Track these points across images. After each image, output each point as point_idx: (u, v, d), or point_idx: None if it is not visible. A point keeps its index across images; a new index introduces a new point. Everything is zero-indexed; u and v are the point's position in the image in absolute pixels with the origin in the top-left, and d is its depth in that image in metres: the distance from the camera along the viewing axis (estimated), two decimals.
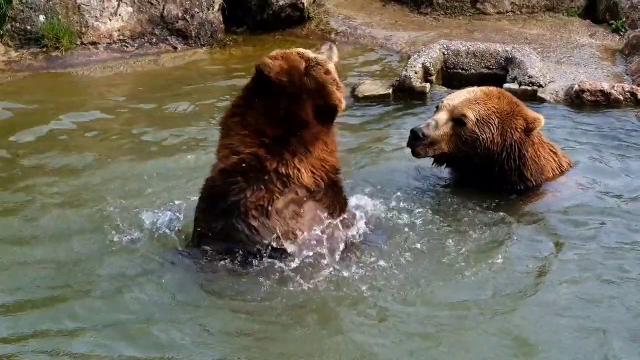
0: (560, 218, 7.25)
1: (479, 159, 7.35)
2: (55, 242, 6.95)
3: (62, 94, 10.90)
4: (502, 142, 7.30)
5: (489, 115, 7.28)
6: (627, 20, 12.68)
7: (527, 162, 7.41)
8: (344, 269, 6.37)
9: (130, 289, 6.26)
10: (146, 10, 12.38)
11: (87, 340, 5.71)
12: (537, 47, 11.90)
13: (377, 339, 5.71)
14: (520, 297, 6.17)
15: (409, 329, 5.81)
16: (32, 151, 8.89)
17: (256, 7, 12.94)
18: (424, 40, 12.47)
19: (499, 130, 7.28)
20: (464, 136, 7.30)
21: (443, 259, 6.58)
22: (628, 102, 9.87)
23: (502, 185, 7.45)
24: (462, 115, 7.28)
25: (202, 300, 6.16)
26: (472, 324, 5.85)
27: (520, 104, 7.54)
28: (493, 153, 7.32)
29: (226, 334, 5.80)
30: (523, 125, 7.33)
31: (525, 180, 7.46)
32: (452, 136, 7.32)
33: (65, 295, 6.25)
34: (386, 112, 9.93)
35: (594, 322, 5.85)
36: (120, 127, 9.61)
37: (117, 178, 8.13)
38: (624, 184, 7.83)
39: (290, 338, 5.77)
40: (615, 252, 6.72)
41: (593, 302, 6.08)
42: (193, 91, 10.83)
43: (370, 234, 6.80)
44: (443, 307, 6.03)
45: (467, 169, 7.52)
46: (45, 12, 11.95)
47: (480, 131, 7.26)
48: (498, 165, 7.36)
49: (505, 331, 5.77)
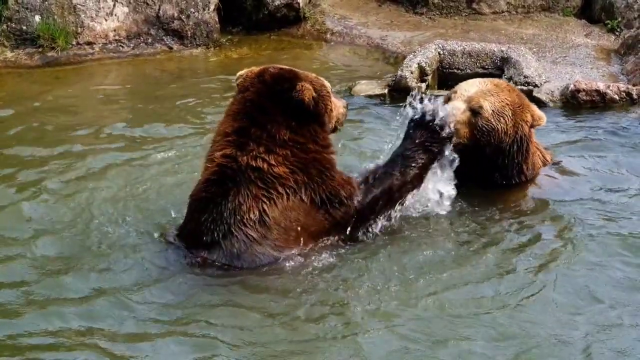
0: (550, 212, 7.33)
1: (490, 149, 7.35)
2: (47, 239, 6.98)
3: (57, 94, 10.87)
4: (513, 133, 7.33)
5: (502, 106, 7.30)
6: (623, 19, 12.69)
7: (528, 156, 7.48)
8: (337, 268, 6.39)
9: (128, 291, 6.28)
10: (142, 10, 12.37)
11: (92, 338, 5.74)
12: (532, 46, 11.91)
13: (376, 339, 5.72)
14: (519, 296, 6.20)
15: (409, 329, 5.82)
16: (27, 151, 8.88)
17: (251, 7, 12.93)
18: (419, 40, 12.47)
19: (512, 122, 7.31)
20: (481, 126, 7.31)
21: (442, 257, 6.63)
22: (623, 101, 9.89)
23: (501, 178, 7.47)
24: (479, 106, 7.30)
25: (197, 301, 6.17)
26: (473, 324, 5.87)
27: (526, 98, 7.61)
28: (505, 144, 7.34)
29: (231, 336, 5.78)
30: (530, 119, 7.39)
31: (521, 174, 7.49)
32: (468, 125, 7.33)
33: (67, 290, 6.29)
34: (382, 112, 9.93)
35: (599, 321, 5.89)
36: (115, 126, 9.59)
37: (112, 179, 8.12)
38: (612, 179, 7.91)
39: (286, 339, 5.78)
40: (619, 249, 6.79)
41: (597, 303, 6.12)
42: (189, 91, 10.82)
43: (367, 234, 6.83)
44: (444, 306, 6.05)
45: (472, 160, 7.50)
46: (41, 12, 11.94)
47: (495, 122, 7.28)
48: (505, 157, 7.38)
49: (507, 331, 5.79)
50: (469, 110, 7.31)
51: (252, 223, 6.27)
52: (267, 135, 6.39)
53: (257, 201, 6.29)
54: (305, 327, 5.88)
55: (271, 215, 6.30)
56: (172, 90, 10.94)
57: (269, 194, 6.32)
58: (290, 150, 6.41)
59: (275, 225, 6.32)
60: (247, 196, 6.29)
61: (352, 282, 6.31)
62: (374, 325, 5.85)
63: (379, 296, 6.15)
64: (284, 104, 6.44)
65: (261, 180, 6.32)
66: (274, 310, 6.02)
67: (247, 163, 6.33)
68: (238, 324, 5.90)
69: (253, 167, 6.33)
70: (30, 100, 10.57)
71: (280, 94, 6.45)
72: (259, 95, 6.48)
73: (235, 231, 6.28)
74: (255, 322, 5.91)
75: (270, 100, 6.46)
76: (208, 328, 5.84)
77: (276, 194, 6.34)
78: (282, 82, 6.50)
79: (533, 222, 7.22)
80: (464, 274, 6.42)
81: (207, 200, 6.38)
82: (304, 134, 6.49)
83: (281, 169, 6.37)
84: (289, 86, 6.46)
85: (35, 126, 9.63)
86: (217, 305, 6.11)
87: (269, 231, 6.30)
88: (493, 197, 7.45)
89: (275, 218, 6.31)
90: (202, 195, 6.45)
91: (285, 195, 6.36)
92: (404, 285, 6.27)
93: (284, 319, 5.94)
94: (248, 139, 6.40)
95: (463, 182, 7.31)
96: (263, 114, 6.43)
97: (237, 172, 6.34)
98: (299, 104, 6.42)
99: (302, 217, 6.42)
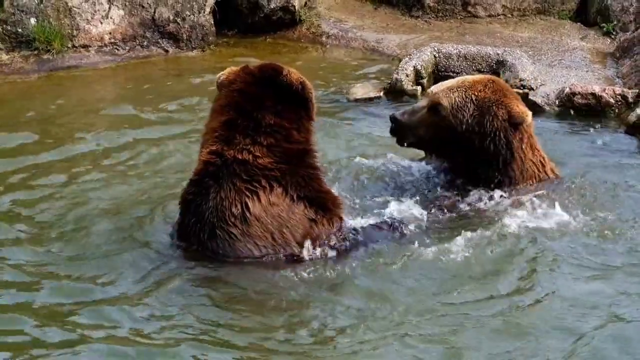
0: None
1: (457, 146, 7.29)
2: (45, 242, 7.01)
3: (53, 97, 10.86)
4: (479, 128, 7.22)
5: (464, 102, 7.23)
6: (618, 23, 12.70)
7: (515, 152, 7.27)
8: (332, 268, 6.40)
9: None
10: (137, 13, 12.36)
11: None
12: (528, 49, 11.92)
13: (376, 341, 5.74)
14: (519, 296, 6.25)
15: (408, 330, 5.83)
16: (22, 153, 8.88)
17: (247, 10, 12.92)
18: (415, 43, 12.47)
19: (474, 118, 7.22)
20: (439, 122, 7.29)
21: (439, 259, 6.62)
22: (619, 104, 9.89)
23: (485, 178, 7.38)
24: (437, 103, 7.30)
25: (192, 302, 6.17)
26: (474, 324, 5.90)
27: (510, 95, 7.40)
28: (471, 141, 7.25)
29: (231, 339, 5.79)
30: (504, 115, 7.22)
31: (507, 175, 7.34)
32: (428, 122, 7.33)
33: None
34: (377, 115, 9.94)
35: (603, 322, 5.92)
36: (111, 129, 9.59)
37: (108, 180, 8.14)
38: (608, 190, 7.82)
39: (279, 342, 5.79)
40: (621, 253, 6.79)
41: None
42: (184, 94, 10.81)
43: (362, 236, 6.83)
44: (444, 307, 6.09)
45: (452, 157, 7.48)
46: (36, 15, 11.91)
47: (453, 118, 7.24)
48: (483, 153, 7.25)
49: (509, 331, 5.82)
50: (427, 107, 7.33)
51: (233, 219, 6.29)
52: (253, 124, 6.45)
53: (240, 195, 6.31)
54: (296, 331, 5.89)
55: (252, 211, 6.31)
56: (167, 93, 10.93)
57: (252, 187, 6.34)
58: (274, 138, 6.45)
59: (256, 221, 6.32)
60: (230, 190, 6.32)
61: (344, 285, 6.32)
62: (369, 330, 5.85)
63: (371, 300, 6.17)
64: (272, 88, 6.54)
65: (245, 172, 6.35)
66: (270, 312, 6.06)
67: (233, 156, 6.37)
68: (237, 326, 5.92)
69: (239, 160, 6.36)
70: (25, 102, 10.56)
71: (268, 79, 6.57)
72: (246, 84, 6.58)
73: (219, 230, 6.32)
74: (250, 321, 5.95)
75: (258, 86, 6.55)
76: (202, 331, 5.85)
77: (260, 187, 6.36)
78: (268, 71, 6.65)
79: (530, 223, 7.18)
80: (463, 276, 6.47)
81: (189, 202, 6.45)
82: (290, 118, 6.55)
83: (266, 160, 6.40)
84: (275, 73, 6.61)
85: (29, 130, 9.63)
86: (215, 307, 6.14)
87: (250, 227, 6.31)
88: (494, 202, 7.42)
89: (256, 214, 6.31)
90: (185, 197, 6.51)
91: (269, 188, 6.37)
92: (399, 286, 6.31)
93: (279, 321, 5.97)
94: (234, 131, 6.45)
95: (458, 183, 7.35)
96: (251, 102, 6.50)
97: (221, 168, 6.36)
98: (287, 86, 6.53)
99: (285, 213, 6.42)
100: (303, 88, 6.61)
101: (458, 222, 7.17)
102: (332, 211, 6.64)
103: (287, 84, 6.54)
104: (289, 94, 6.55)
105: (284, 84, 6.53)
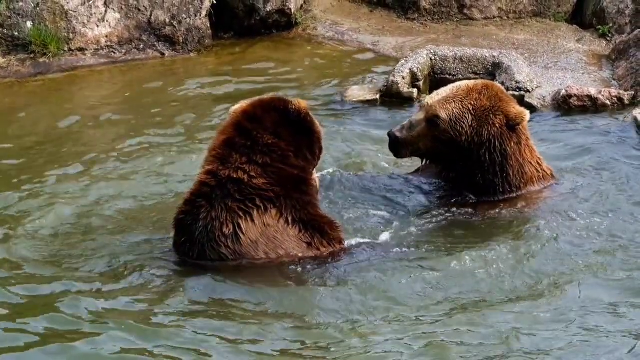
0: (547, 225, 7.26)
1: (458, 156, 7.31)
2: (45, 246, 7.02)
3: (49, 100, 10.87)
4: (478, 139, 7.24)
5: (462, 113, 7.24)
6: (614, 25, 12.71)
7: (509, 158, 7.31)
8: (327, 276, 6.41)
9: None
10: (133, 16, 12.36)
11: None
12: (524, 52, 11.92)
13: (376, 342, 5.74)
14: (517, 297, 6.27)
15: (409, 330, 5.86)
16: (19, 156, 8.87)
17: (243, 12, 12.91)
18: (411, 45, 12.47)
19: (473, 129, 7.23)
20: (438, 136, 7.30)
21: (435, 263, 6.64)
22: (615, 106, 9.92)
23: (485, 186, 7.39)
24: (435, 116, 7.29)
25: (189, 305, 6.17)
26: (476, 323, 5.93)
27: (505, 98, 7.42)
28: (470, 150, 7.28)
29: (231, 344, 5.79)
30: (502, 121, 7.24)
31: (506, 180, 7.36)
32: (427, 136, 7.33)
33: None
34: (373, 118, 9.95)
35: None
36: (107, 132, 9.61)
37: (104, 182, 8.16)
38: (606, 192, 7.84)
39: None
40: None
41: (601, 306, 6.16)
42: (180, 97, 10.82)
43: (359, 241, 6.86)
44: (447, 313, 6.09)
45: (451, 166, 7.50)
46: (33, 18, 11.91)
47: (452, 130, 7.25)
48: (479, 162, 7.29)
49: (510, 331, 5.83)
50: (425, 121, 7.31)
51: (224, 239, 6.27)
52: (250, 142, 6.38)
53: (232, 215, 6.27)
54: (295, 335, 5.88)
55: (246, 231, 6.28)
56: (164, 96, 10.94)
57: (246, 207, 6.30)
58: (270, 157, 6.37)
59: (250, 242, 6.29)
60: (222, 210, 6.28)
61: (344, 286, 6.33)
62: (372, 328, 5.88)
63: (371, 301, 6.19)
64: (277, 112, 6.47)
65: (239, 192, 6.29)
66: (270, 315, 6.06)
67: (228, 176, 6.32)
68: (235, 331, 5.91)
69: (233, 179, 6.31)
70: (22, 106, 10.57)
71: (275, 107, 6.51)
72: (253, 107, 6.52)
73: (209, 251, 6.32)
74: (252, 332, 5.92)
75: (262, 109, 6.50)
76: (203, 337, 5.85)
77: (254, 207, 6.30)
78: (277, 101, 6.60)
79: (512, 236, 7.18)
80: (462, 279, 6.48)
81: (180, 222, 6.44)
82: (288, 141, 6.44)
83: (261, 181, 6.33)
84: (284, 103, 6.55)
85: (24, 133, 9.63)
86: (216, 309, 6.14)
87: (242, 248, 6.29)
88: (475, 208, 7.43)
89: (250, 235, 6.29)
90: (177, 216, 6.48)
91: (264, 208, 6.33)
92: (396, 292, 6.31)
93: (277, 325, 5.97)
94: (232, 150, 6.39)
95: (457, 191, 7.36)
96: (251, 121, 6.43)
97: (215, 189, 6.32)
98: (295, 114, 6.46)
99: (280, 235, 6.38)
100: (311, 121, 6.56)
101: (457, 232, 7.19)
102: (330, 235, 6.56)
103: (295, 111, 6.46)
104: (293, 121, 6.47)
105: (292, 110, 6.46)
